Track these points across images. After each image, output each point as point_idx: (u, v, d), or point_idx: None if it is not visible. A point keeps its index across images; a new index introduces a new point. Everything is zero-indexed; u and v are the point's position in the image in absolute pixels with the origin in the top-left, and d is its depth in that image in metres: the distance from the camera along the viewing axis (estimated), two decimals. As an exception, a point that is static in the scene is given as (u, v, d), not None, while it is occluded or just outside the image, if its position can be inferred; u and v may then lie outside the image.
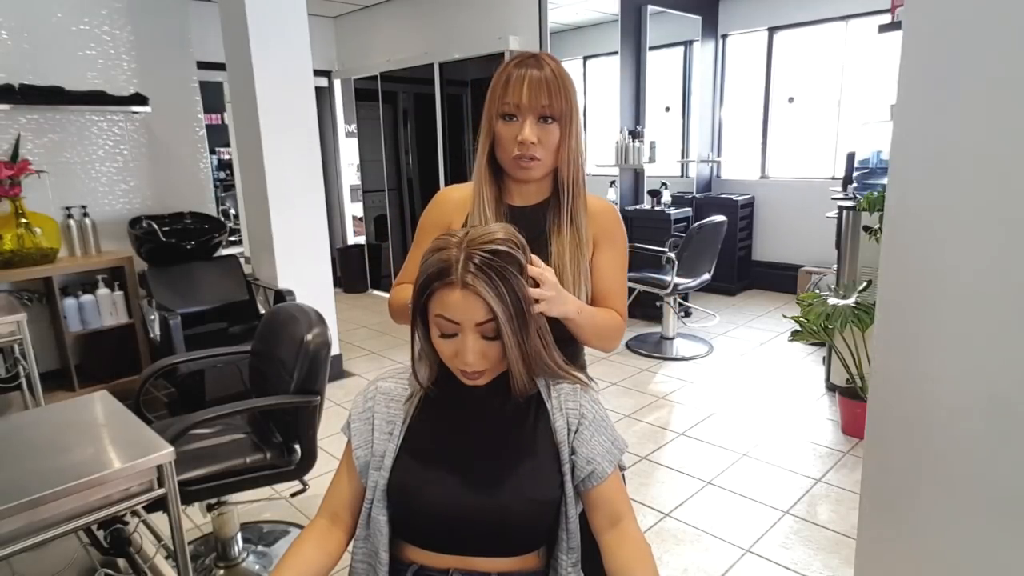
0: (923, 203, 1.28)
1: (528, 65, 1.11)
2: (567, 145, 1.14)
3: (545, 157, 1.13)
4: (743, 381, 3.68)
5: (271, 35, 3.30)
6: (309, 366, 1.85)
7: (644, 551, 0.97)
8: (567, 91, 1.12)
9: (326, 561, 1.00)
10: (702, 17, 5.29)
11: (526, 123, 1.10)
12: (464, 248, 0.90)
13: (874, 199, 2.96)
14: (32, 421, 1.54)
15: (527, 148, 1.11)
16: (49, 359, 3.42)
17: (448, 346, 0.93)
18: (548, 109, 1.10)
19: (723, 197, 5.54)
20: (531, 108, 1.10)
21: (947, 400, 1.28)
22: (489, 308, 0.89)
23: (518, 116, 1.11)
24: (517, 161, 1.13)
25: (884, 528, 1.45)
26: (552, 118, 1.11)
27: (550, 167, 1.16)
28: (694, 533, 2.29)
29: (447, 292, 0.89)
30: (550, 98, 1.09)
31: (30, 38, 3.24)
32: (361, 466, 1.01)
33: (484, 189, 1.18)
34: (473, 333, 0.91)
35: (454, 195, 1.25)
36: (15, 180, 3.10)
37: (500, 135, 1.14)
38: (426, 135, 5.31)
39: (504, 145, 1.14)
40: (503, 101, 1.12)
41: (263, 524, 2.42)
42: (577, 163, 1.17)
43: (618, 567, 0.95)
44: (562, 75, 1.12)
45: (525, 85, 1.09)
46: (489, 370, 0.95)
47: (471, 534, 0.97)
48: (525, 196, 1.21)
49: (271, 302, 3.48)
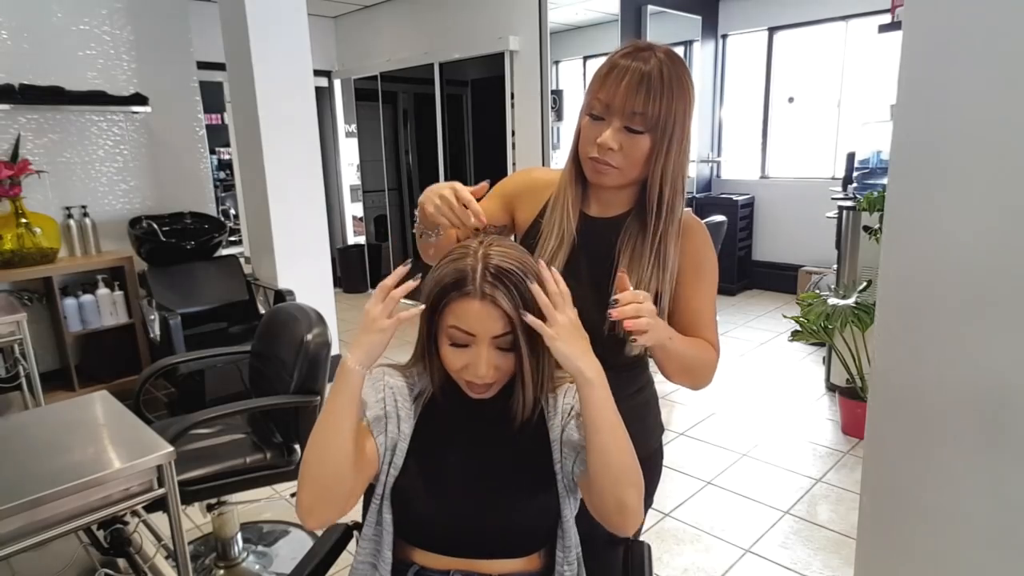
0: (923, 203, 1.28)
1: (635, 59, 0.95)
2: (660, 161, 0.97)
3: (626, 168, 0.98)
4: (743, 381, 3.68)
5: (271, 35, 3.30)
6: (309, 366, 1.85)
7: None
8: (671, 97, 0.94)
9: (350, 464, 0.88)
10: (702, 17, 5.29)
11: (611, 126, 0.96)
12: (481, 258, 0.87)
13: (874, 199, 2.96)
14: (32, 421, 1.54)
15: (604, 152, 0.97)
16: (49, 359, 3.42)
17: (458, 358, 0.90)
18: (640, 119, 0.94)
19: (723, 197, 5.54)
20: (621, 111, 0.95)
21: (947, 400, 1.28)
22: (508, 320, 0.86)
23: (605, 117, 0.97)
24: (592, 162, 1.00)
25: (884, 528, 1.45)
26: (644, 129, 0.95)
27: (632, 179, 1.01)
28: (694, 533, 2.28)
29: (464, 303, 0.86)
30: (646, 104, 0.93)
31: (30, 38, 3.24)
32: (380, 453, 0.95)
33: (567, 190, 1.07)
34: (488, 345, 0.88)
35: (539, 177, 1.15)
36: (15, 180, 3.10)
37: (584, 131, 1.01)
38: (426, 135, 5.31)
39: (584, 141, 1.01)
40: (594, 97, 0.98)
41: (263, 524, 2.42)
42: (675, 184, 1.00)
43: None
44: (671, 78, 0.94)
45: (622, 83, 0.94)
46: (497, 383, 0.93)
47: (472, 539, 0.97)
48: (604, 206, 1.08)
49: (271, 302, 3.48)
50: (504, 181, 1.18)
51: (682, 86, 0.96)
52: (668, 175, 0.99)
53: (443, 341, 0.91)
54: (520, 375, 0.93)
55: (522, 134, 4.57)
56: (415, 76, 5.25)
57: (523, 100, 4.50)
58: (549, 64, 4.33)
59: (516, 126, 4.59)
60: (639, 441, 0.90)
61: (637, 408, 1.13)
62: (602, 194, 1.08)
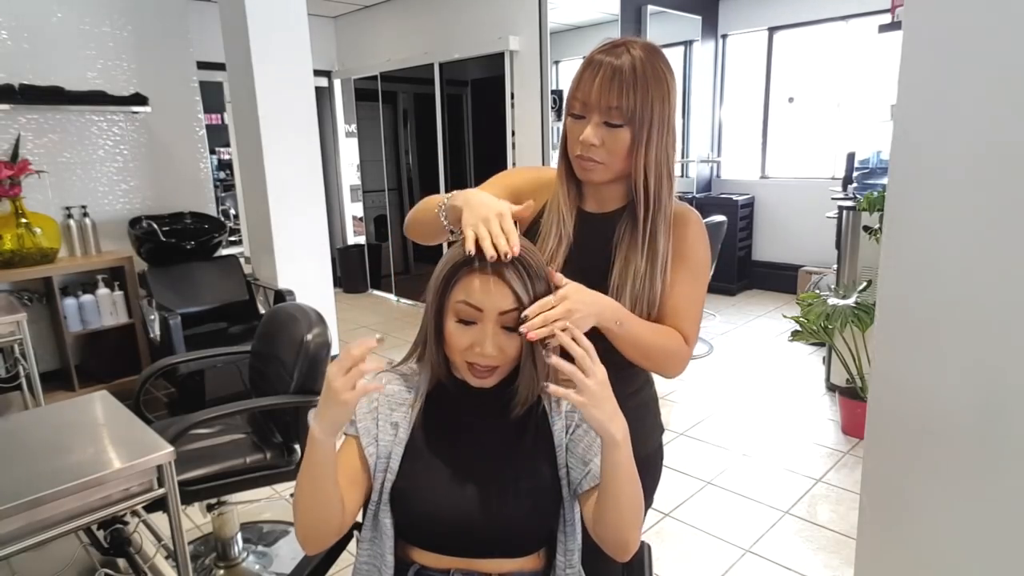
0: (923, 203, 1.28)
1: (609, 54, 0.97)
2: (642, 152, 0.99)
3: (609, 162, 1.01)
4: (743, 381, 3.68)
5: (271, 35, 3.30)
6: (309, 366, 1.85)
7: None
8: (646, 91, 0.96)
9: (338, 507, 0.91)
10: (702, 17, 5.29)
11: (590, 122, 0.99)
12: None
13: (874, 199, 2.96)
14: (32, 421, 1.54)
15: (587, 149, 1.00)
16: (49, 359, 3.42)
17: (464, 335, 0.90)
18: (616, 112, 0.96)
19: (723, 197, 5.54)
20: (597, 107, 0.97)
21: (947, 400, 1.28)
22: (516, 297, 0.88)
23: (585, 115, 1.00)
24: (579, 160, 1.03)
25: (884, 528, 1.45)
26: (621, 122, 0.97)
27: (618, 172, 1.03)
28: (694, 533, 2.28)
29: (474, 277, 0.88)
30: (621, 98, 0.95)
31: (30, 38, 3.24)
32: (372, 464, 0.98)
33: (560, 190, 1.09)
34: (494, 322, 0.89)
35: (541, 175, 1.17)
36: (15, 180, 3.10)
37: (568, 131, 1.03)
38: (426, 135, 5.31)
39: (569, 140, 1.04)
40: (573, 97, 1.01)
41: (263, 524, 2.42)
42: (659, 174, 1.01)
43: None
44: (644, 70, 0.96)
45: (596, 80, 0.96)
46: (500, 369, 0.93)
47: (472, 538, 0.96)
48: (600, 201, 1.10)
49: (271, 302, 3.48)
50: (510, 173, 1.19)
51: (657, 77, 0.97)
52: (651, 165, 1.00)
53: (450, 320, 0.92)
54: (526, 360, 0.92)
55: (522, 134, 4.57)
56: (415, 76, 5.25)
57: (523, 100, 4.50)
58: (549, 64, 4.33)
59: (516, 126, 4.60)
60: (639, 441, 0.90)
61: (637, 409, 1.13)
62: (597, 190, 1.10)
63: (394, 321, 5.16)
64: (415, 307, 5.49)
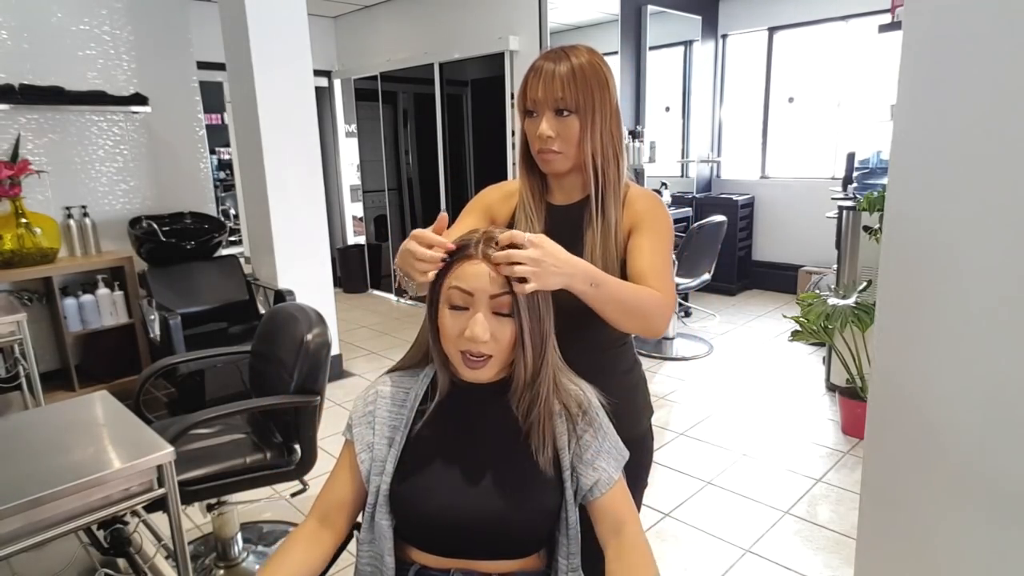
0: (923, 203, 1.28)
1: (548, 59, 1.10)
2: (588, 137, 1.10)
3: (566, 150, 1.11)
4: (743, 381, 3.68)
5: (271, 35, 3.30)
6: (309, 366, 1.85)
7: (646, 559, 0.96)
8: (586, 82, 1.08)
9: (314, 565, 0.99)
10: (702, 17, 5.29)
11: (543, 118, 1.10)
12: (484, 233, 0.94)
13: (874, 199, 2.96)
14: (32, 421, 1.54)
15: (544, 142, 1.10)
16: (49, 359, 3.42)
17: (456, 322, 0.92)
18: (563, 102, 1.08)
19: (723, 197, 5.54)
20: (546, 102, 1.09)
21: (947, 400, 1.28)
22: (505, 281, 0.89)
23: (536, 112, 1.11)
24: (540, 154, 1.13)
25: (884, 528, 1.45)
26: (568, 111, 1.09)
27: (575, 160, 1.13)
28: (694, 533, 2.29)
29: (466, 264, 0.91)
30: (564, 90, 1.07)
31: (30, 38, 3.24)
32: (365, 471, 1.00)
33: (526, 187, 1.19)
34: (485, 307, 0.91)
35: (505, 187, 1.26)
36: (15, 180, 3.10)
37: (526, 132, 1.14)
38: (426, 135, 5.31)
39: (529, 139, 1.15)
40: (524, 99, 1.12)
41: (263, 524, 2.42)
42: (605, 155, 1.13)
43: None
44: (582, 67, 1.08)
45: (540, 81, 1.09)
46: (494, 359, 0.93)
47: (472, 539, 0.97)
48: (566, 193, 1.20)
49: (271, 302, 3.48)
50: (479, 196, 1.28)
51: (595, 70, 1.09)
52: (598, 146, 1.12)
53: (443, 309, 0.93)
54: (520, 343, 0.93)
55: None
56: (415, 76, 5.25)
57: (523, 100, 4.50)
58: (549, 64, 4.32)
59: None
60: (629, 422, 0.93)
61: (628, 389, 1.18)
62: (560, 183, 1.19)
63: (394, 321, 5.17)
64: (415, 307, 5.49)
